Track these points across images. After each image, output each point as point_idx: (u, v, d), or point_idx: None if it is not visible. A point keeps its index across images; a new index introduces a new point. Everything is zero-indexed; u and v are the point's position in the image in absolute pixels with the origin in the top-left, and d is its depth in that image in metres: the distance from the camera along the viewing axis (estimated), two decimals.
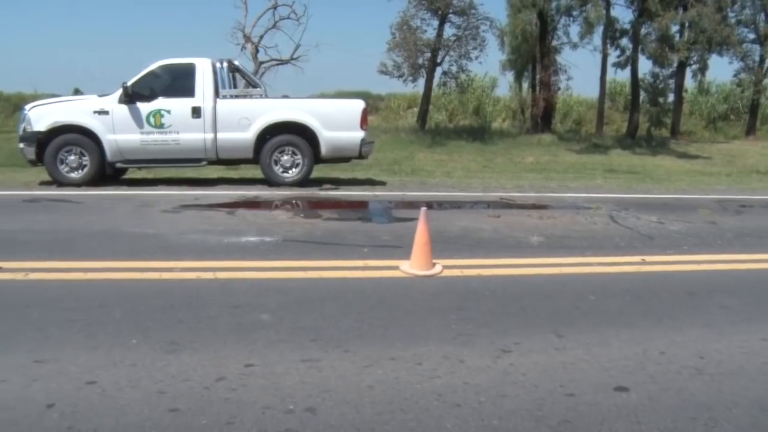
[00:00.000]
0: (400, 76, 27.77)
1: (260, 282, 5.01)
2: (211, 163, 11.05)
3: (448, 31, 27.66)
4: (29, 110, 10.88)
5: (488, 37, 27.73)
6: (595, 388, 3.30)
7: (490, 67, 40.72)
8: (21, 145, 10.87)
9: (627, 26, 25.52)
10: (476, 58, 27.76)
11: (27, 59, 71.69)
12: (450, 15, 27.12)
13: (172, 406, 3.01)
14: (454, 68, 28.33)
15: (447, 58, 28.12)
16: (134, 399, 3.08)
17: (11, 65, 67.72)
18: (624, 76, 29.36)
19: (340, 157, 11.33)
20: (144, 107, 10.58)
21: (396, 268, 5.42)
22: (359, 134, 10.81)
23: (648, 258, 6.16)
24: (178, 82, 10.87)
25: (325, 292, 4.77)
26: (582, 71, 38.13)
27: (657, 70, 26.26)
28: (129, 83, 10.58)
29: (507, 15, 28.40)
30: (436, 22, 27.37)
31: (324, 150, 10.76)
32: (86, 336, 3.91)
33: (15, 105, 38.43)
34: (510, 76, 32.24)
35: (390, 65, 27.71)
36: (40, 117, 10.66)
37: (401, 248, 6.02)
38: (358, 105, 11.07)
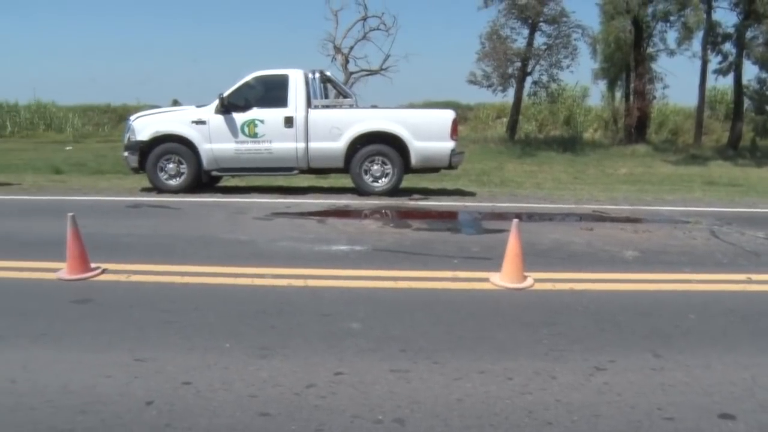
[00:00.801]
0: (490, 86, 27.62)
1: (350, 291, 5.04)
2: (303, 172, 11.25)
3: (539, 39, 27.38)
4: (133, 121, 11.43)
5: (580, 45, 27.27)
6: (697, 413, 3.13)
7: (581, 76, 39.98)
8: (125, 154, 11.44)
9: (730, 30, 24.39)
10: (567, 67, 27.33)
11: (130, 72, 75.37)
12: (541, 23, 26.79)
13: (263, 410, 3.06)
14: (544, 78, 27.97)
15: (537, 68, 27.79)
16: (227, 401, 3.16)
17: (118, 79, 71.41)
18: (725, 83, 28.15)
19: (429, 168, 11.30)
20: (239, 117, 10.90)
21: (486, 280, 5.34)
22: (449, 144, 10.76)
23: (754, 276, 5.82)
24: (272, 92, 11.14)
25: (414, 303, 4.76)
26: (679, 79, 36.62)
27: (764, 75, 24.91)
28: (225, 94, 10.93)
29: (600, 22, 27.75)
30: (526, 31, 27.12)
31: (414, 160, 10.77)
32: (182, 338, 4.05)
33: (120, 116, 40.52)
34: (602, 85, 31.50)
35: (479, 75, 27.60)
36: (143, 127, 11.17)
37: (491, 260, 5.93)
38: (449, 115, 11.02)
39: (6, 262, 5.96)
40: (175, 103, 30.95)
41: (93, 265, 5.60)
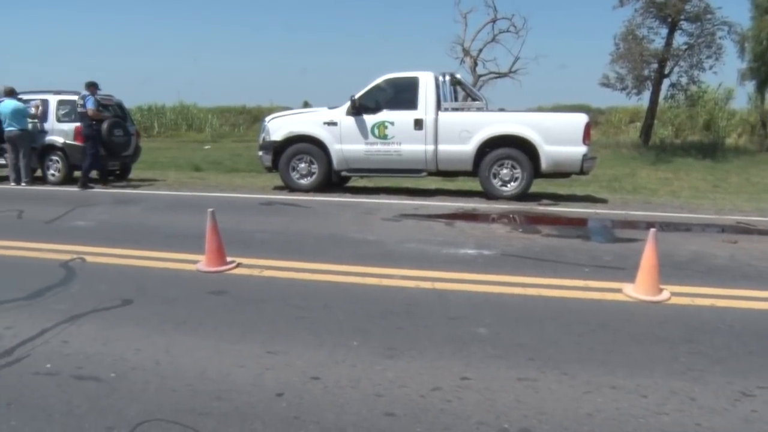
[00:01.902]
0: (623, 89, 26.54)
1: (477, 295, 4.99)
2: (431, 174, 11.29)
3: (679, 39, 25.89)
4: (269, 122, 11.92)
5: (725, 44, 25.41)
6: None
7: (726, 77, 37.55)
8: (260, 153, 11.96)
9: None
10: (710, 68, 25.67)
11: (263, 75, 78.55)
12: (681, 22, 25.28)
13: (389, 410, 3.08)
14: (683, 79, 26.44)
15: (676, 69, 26.31)
16: (353, 399, 3.20)
17: (252, 82, 74.60)
18: None
19: (560, 173, 11.02)
20: (369, 119, 11.09)
21: (619, 291, 5.12)
22: (581, 149, 10.44)
23: None
24: (402, 95, 11.24)
25: (543, 311, 4.63)
26: None
27: None
28: (356, 96, 11.16)
29: (750, 18, 25.75)
30: (665, 31, 25.75)
31: (544, 165, 10.53)
32: (312, 333, 4.15)
33: (255, 117, 42.38)
34: (750, 86, 29.18)
35: (612, 77, 26.57)
36: (277, 128, 11.62)
37: (624, 270, 5.69)
38: (581, 119, 10.69)
39: (152, 253, 6.39)
40: (306, 104, 31.98)
41: (229, 259, 5.88)
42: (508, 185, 10.72)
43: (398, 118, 10.98)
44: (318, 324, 4.33)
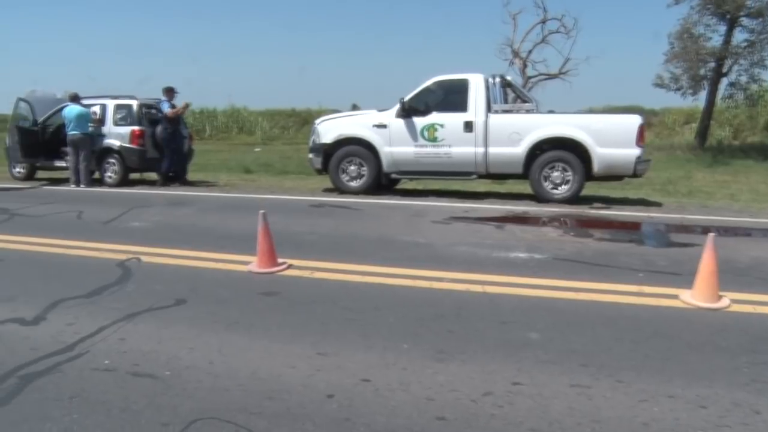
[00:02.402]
0: (678, 89, 25.88)
1: (529, 299, 4.93)
2: (481, 176, 11.22)
3: (738, 36, 25.01)
4: (319, 124, 12.02)
5: None
6: None
7: None
8: (310, 156, 12.07)
9: None
10: None
11: (312, 77, 79.27)
12: (741, 18, 24.47)
13: (440, 414, 3.05)
14: (743, 78, 25.59)
15: (735, 68, 25.47)
16: (404, 402, 3.19)
17: (301, 84, 75.37)
18: None
19: (612, 175, 10.79)
20: (419, 121, 11.08)
21: (675, 297, 4.99)
22: (635, 151, 10.22)
23: None
24: (452, 97, 11.19)
25: (596, 316, 4.55)
26: None
27: None
28: (406, 99, 11.16)
29: None
30: (723, 28, 24.96)
31: (596, 167, 10.34)
32: (362, 336, 4.15)
33: (304, 120, 42.72)
34: None
35: (667, 77, 25.94)
36: (328, 130, 11.72)
37: (680, 276, 5.54)
38: (635, 120, 10.46)
39: (205, 253, 6.51)
40: (354, 107, 32.13)
41: (280, 260, 5.94)
42: (559, 188, 10.57)
43: (448, 121, 10.94)
44: (368, 326, 4.34)
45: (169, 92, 13.79)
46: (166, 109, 13.70)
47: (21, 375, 3.59)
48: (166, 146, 13.82)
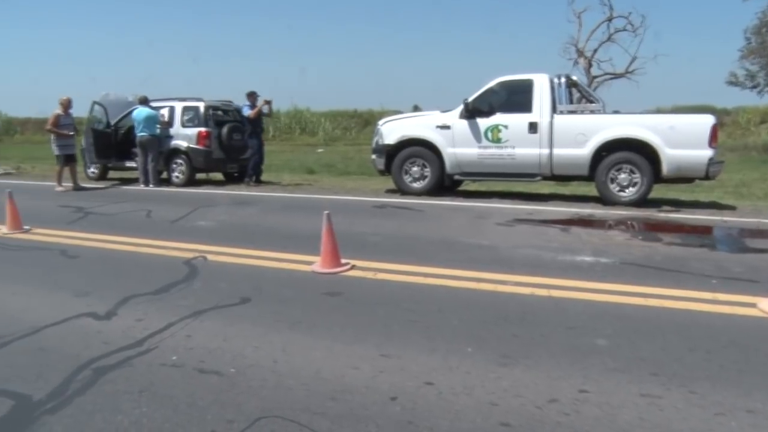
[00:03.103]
0: (754, 87, 24.97)
1: (595, 304, 4.80)
2: (545, 178, 11.03)
3: None
4: (382, 125, 12.04)
5: None
6: None
7: None
8: (373, 156, 12.11)
9: None
10: None
11: (371, 78, 79.59)
12: None
13: (504, 420, 3.00)
14: None
15: None
16: (468, 406, 3.14)
17: (363, 85, 75.77)
18: None
19: (682, 177, 10.45)
20: (482, 122, 10.97)
21: (753, 305, 4.76)
22: (707, 153, 9.86)
23: None
24: (516, 97, 11.04)
25: (666, 323, 4.39)
26: None
27: None
28: (469, 99, 11.07)
29: None
30: None
31: (666, 169, 10.02)
32: (425, 338, 4.12)
33: (366, 121, 42.97)
34: None
35: (741, 75, 25.05)
36: (391, 131, 11.73)
37: (758, 283, 5.32)
38: (707, 120, 10.09)
39: (269, 253, 6.59)
40: (416, 108, 32.11)
41: (343, 261, 5.97)
42: (626, 190, 10.28)
43: (512, 122, 10.80)
44: (432, 328, 4.30)
45: (251, 96, 14.24)
46: (246, 112, 14.17)
47: (94, 367, 3.73)
48: (250, 147, 14.33)
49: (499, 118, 10.89)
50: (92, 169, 16.07)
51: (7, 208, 8.48)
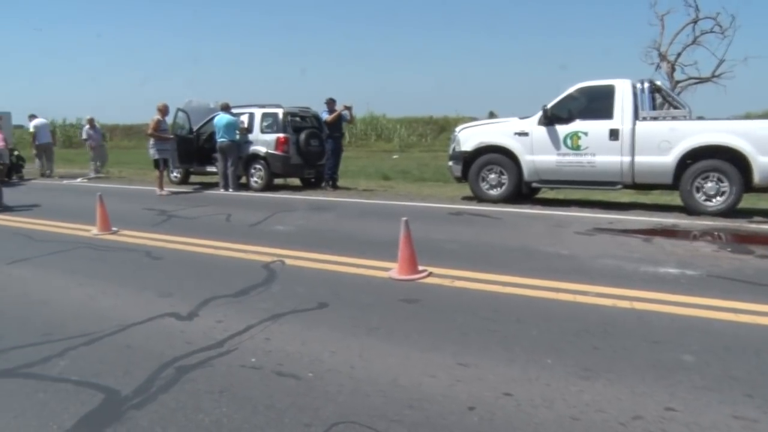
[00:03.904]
0: None
1: (682, 318, 4.61)
2: (626, 186, 10.72)
3: None
4: (459, 132, 11.99)
5: None
6: None
7: None
8: (450, 163, 12.07)
9: None
10: None
11: (447, 85, 79.30)
12: None
13: None
14: None
15: None
16: (548, 419, 3.07)
17: (437, 91, 75.61)
18: None
19: None
20: (561, 129, 10.77)
21: None
22: None
23: None
24: (596, 103, 10.80)
25: (760, 341, 4.16)
26: None
27: None
28: (548, 106, 10.89)
29: None
30: None
31: (758, 177, 9.53)
32: (504, 348, 4.06)
33: (441, 127, 42.90)
34: None
35: None
36: (468, 138, 11.67)
37: None
38: None
39: (346, 258, 6.65)
40: (492, 114, 31.83)
41: (420, 268, 5.95)
42: (713, 200, 9.86)
43: (592, 128, 10.56)
44: (510, 338, 4.23)
45: (330, 103, 14.51)
46: (325, 116, 14.49)
47: (177, 366, 3.84)
48: (327, 150, 14.58)
49: (578, 125, 10.67)
50: (175, 174, 16.60)
51: (98, 210, 8.86)
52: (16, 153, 19.11)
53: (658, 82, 11.93)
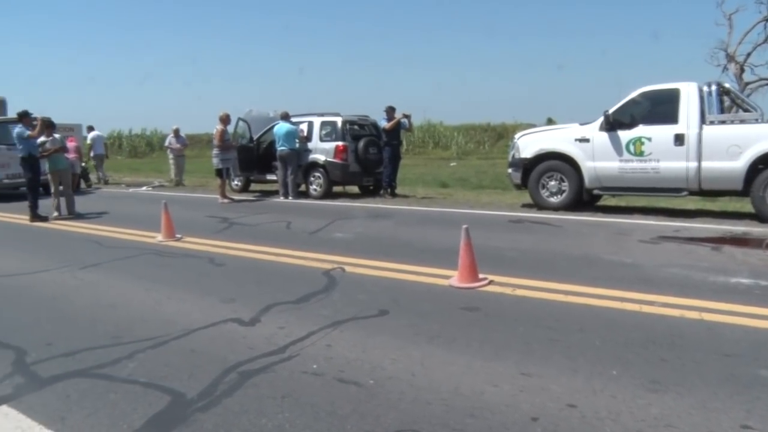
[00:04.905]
0: None
1: (756, 331, 4.42)
2: (692, 193, 10.39)
3: None
4: (518, 139, 11.87)
5: None
6: None
7: None
8: (509, 170, 11.96)
9: None
10: None
11: (505, 91, 78.59)
12: None
13: None
14: None
15: None
16: None
17: (495, 97, 75.05)
18: None
19: None
20: (624, 135, 10.53)
21: None
22: None
23: None
24: (661, 108, 10.50)
25: None
26: None
27: None
28: (610, 111, 10.66)
29: None
30: None
31: None
32: (567, 358, 3.98)
33: (499, 134, 42.59)
34: None
35: None
36: (527, 145, 11.53)
37: None
38: None
39: (405, 266, 6.64)
40: (550, 121, 31.43)
41: (481, 276, 5.89)
42: None
43: (656, 134, 10.28)
44: (573, 348, 4.15)
45: (390, 111, 14.54)
46: (384, 123, 14.52)
47: (240, 371, 3.90)
48: (386, 158, 14.59)
49: (642, 130, 10.41)
50: (236, 182, 16.91)
51: (163, 217, 9.10)
52: (83, 164, 19.85)
53: (727, 85, 11.57)
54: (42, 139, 12.11)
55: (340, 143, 14.62)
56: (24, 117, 12.07)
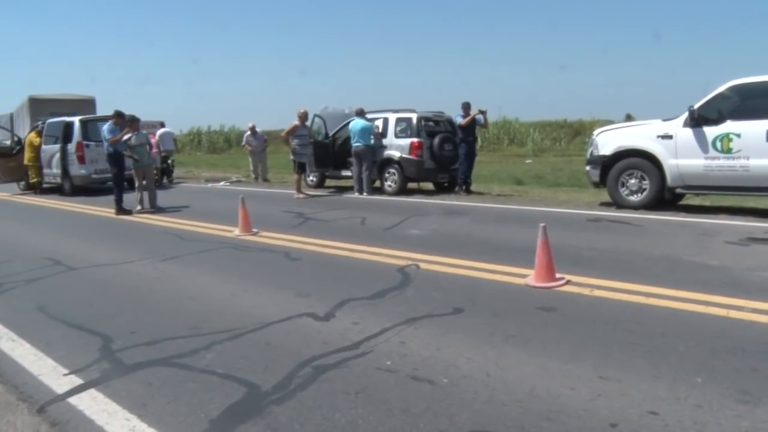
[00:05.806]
0: None
1: None
2: None
3: None
4: (597, 136, 11.56)
5: None
6: None
7: None
8: (587, 168, 11.66)
9: None
10: None
11: (583, 87, 76.84)
12: None
13: None
14: None
15: None
16: None
17: (571, 94, 73.46)
18: None
19: None
20: (710, 131, 10.08)
21: None
22: None
23: None
24: (751, 102, 9.99)
25: None
26: None
27: None
28: (695, 107, 10.23)
29: None
30: None
31: None
32: (648, 363, 3.84)
33: (576, 131, 41.71)
34: None
35: None
36: (606, 142, 11.22)
37: None
38: None
39: (481, 264, 6.57)
40: (629, 117, 30.51)
41: (558, 275, 5.78)
42: None
43: (746, 130, 9.79)
44: (655, 353, 4.00)
45: (466, 107, 14.49)
46: (460, 119, 14.47)
47: (315, 365, 3.95)
48: (461, 154, 14.60)
49: (730, 126, 9.94)
50: (311, 177, 17.14)
51: (240, 212, 9.31)
52: (171, 160, 20.54)
53: None
54: (128, 136, 12.57)
55: (415, 139, 14.63)
56: (117, 117, 12.57)
